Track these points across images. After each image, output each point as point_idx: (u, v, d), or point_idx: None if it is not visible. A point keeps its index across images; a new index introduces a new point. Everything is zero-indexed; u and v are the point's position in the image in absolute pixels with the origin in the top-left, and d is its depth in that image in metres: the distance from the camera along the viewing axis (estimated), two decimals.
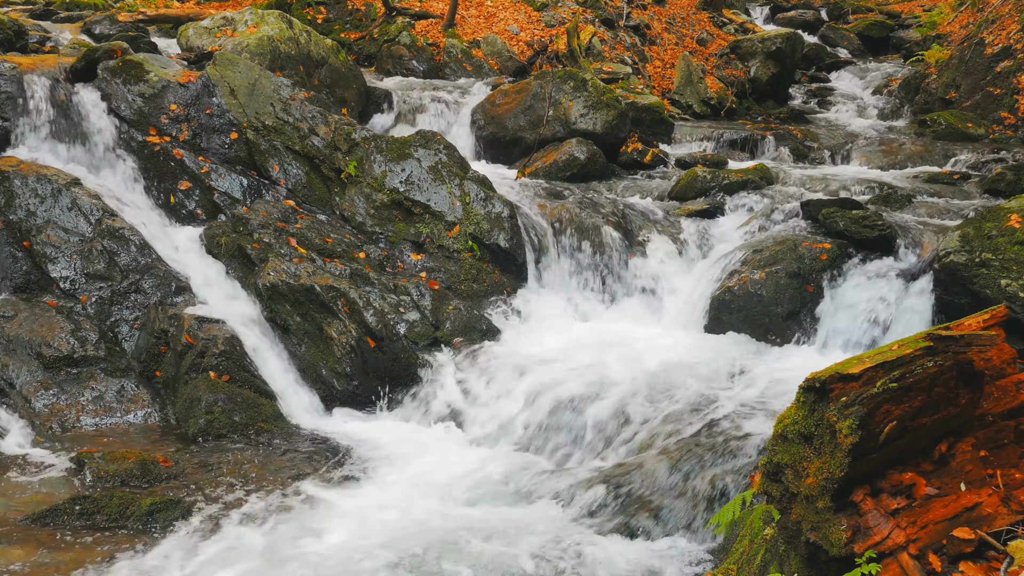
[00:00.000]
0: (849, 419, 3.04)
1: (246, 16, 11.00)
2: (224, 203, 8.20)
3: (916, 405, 3.12)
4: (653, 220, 8.94)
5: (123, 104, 8.29)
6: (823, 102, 15.73)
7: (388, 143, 8.75)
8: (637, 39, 15.84)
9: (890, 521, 3.13)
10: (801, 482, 3.21)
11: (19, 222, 7.31)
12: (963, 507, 3.22)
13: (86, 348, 6.89)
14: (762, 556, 3.84)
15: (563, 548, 5.23)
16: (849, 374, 3.10)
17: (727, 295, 7.82)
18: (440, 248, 8.30)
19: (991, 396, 3.36)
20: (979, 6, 15.06)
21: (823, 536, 3.17)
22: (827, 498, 3.14)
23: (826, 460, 3.11)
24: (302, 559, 5.03)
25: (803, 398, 3.21)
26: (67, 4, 13.70)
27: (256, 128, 8.55)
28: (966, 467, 3.29)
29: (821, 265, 7.71)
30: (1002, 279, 6.64)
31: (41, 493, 5.60)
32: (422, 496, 5.80)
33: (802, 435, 3.21)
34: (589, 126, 10.72)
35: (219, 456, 6.24)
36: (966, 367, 3.21)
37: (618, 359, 7.16)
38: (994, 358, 3.36)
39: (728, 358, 7.20)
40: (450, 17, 14.39)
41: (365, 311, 7.25)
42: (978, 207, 8.45)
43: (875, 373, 3.09)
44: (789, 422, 3.27)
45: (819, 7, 21.18)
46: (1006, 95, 12.57)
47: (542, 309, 8.18)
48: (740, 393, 6.58)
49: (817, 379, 3.14)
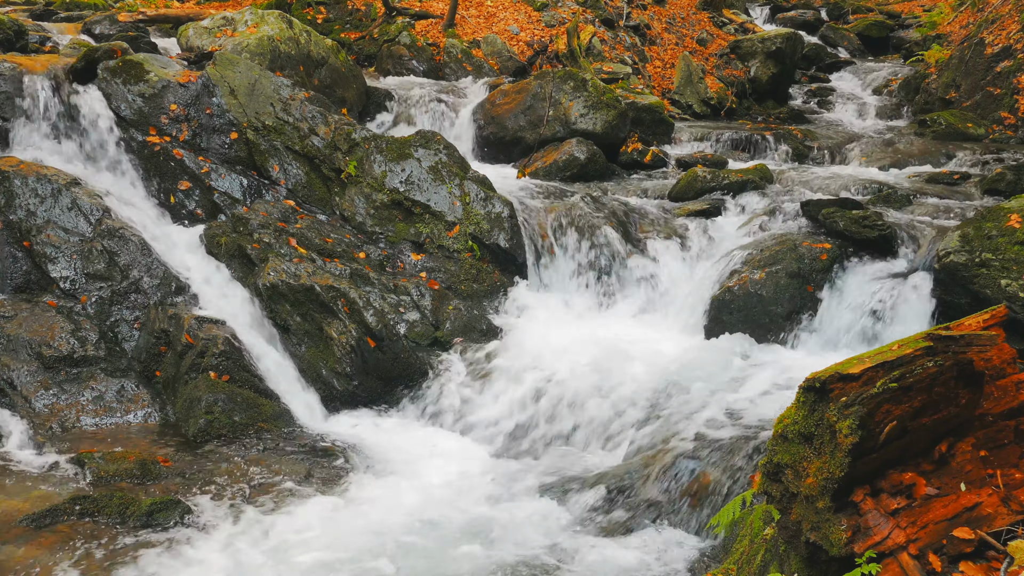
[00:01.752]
0: (849, 419, 3.04)
1: (246, 16, 11.00)
2: (224, 203, 8.20)
3: (916, 405, 3.12)
4: (653, 220, 8.94)
5: (123, 104, 8.29)
6: (823, 102, 15.73)
7: (388, 143, 8.75)
8: (637, 39, 15.84)
9: (890, 521, 3.13)
10: (801, 482, 3.21)
11: (19, 222, 7.31)
12: (963, 507, 3.21)
13: (86, 348, 6.89)
14: (762, 556, 3.84)
15: (562, 548, 5.23)
16: (849, 374, 3.10)
17: (727, 295, 7.82)
18: (440, 248, 8.30)
19: (991, 396, 3.36)
20: (979, 6, 15.06)
21: (823, 536, 3.17)
22: (827, 498, 3.14)
23: (826, 460, 3.11)
24: (301, 559, 5.03)
25: (803, 398, 3.21)
26: (67, 4, 13.70)
27: (256, 128, 8.55)
28: (966, 467, 3.29)
29: (821, 265, 7.71)
30: (1002, 279, 6.64)
31: (41, 493, 5.60)
32: (421, 496, 5.80)
33: (802, 435, 3.21)
34: (589, 126, 10.73)
35: (219, 456, 6.24)
36: (966, 367, 3.21)
37: (618, 359, 7.15)
38: (994, 358, 3.36)
39: (728, 358, 7.20)
40: (450, 17, 14.39)
41: (365, 311, 7.25)
42: (978, 207, 8.45)
43: (875, 373, 3.09)
44: (789, 422, 3.27)
45: (819, 7, 21.18)
46: (1006, 95, 12.56)
47: (542, 309, 8.18)
48: (740, 393, 6.57)
49: (817, 379, 3.14)
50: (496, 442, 6.69)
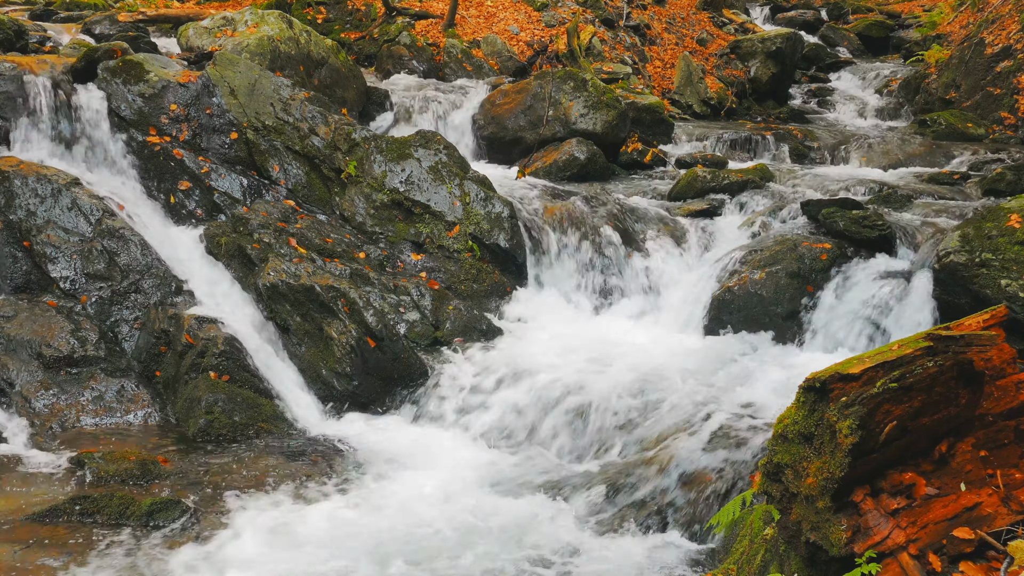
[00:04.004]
0: (849, 419, 3.04)
1: (246, 16, 11.00)
2: (224, 203, 8.20)
3: (916, 405, 3.12)
4: (653, 220, 8.95)
5: (123, 104, 8.29)
6: (823, 102, 15.72)
7: (388, 143, 8.75)
8: (637, 39, 15.84)
9: (890, 521, 3.13)
10: (801, 482, 3.21)
11: (19, 222, 7.30)
12: (963, 507, 3.21)
13: (86, 348, 6.89)
14: (762, 556, 3.84)
15: (562, 547, 5.23)
16: (849, 374, 3.10)
17: (727, 295, 7.82)
18: (440, 248, 8.30)
19: (991, 396, 3.36)
20: (979, 6, 15.06)
21: (823, 536, 3.17)
22: (827, 498, 3.14)
23: (826, 460, 3.11)
24: (302, 558, 5.03)
25: (803, 398, 3.21)
26: (67, 4, 13.71)
27: (256, 128, 8.55)
28: (966, 467, 3.29)
29: (821, 265, 7.71)
30: (1002, 279, 6.64)
31: (41, 493, 5.60)
32: (421, 496, 5.80)
33: (802, 435, 3.21)
34: (589, 126, 10.73)
35: (219, 456, 6.24)
36: (966, 367, 3.21)
37: (619, 359, 7.15)
38: (994, 358, 3.36)
39: (727, 358, 7.20)
40: (450, 17, 14.39)
41: (365, 311, 7.25)
42: (978, 207, 8.45)
43: (875, 373, 3.09)
44: (789, 422, 3.27)
45: (819, 7, 21.16)
46: (1006, 95, 12.57)
47: (542, 309, 8.18)
48: (740, 393, 6.57)
49: (817, 379, 3.14)
50: (496, 442, 6.68)
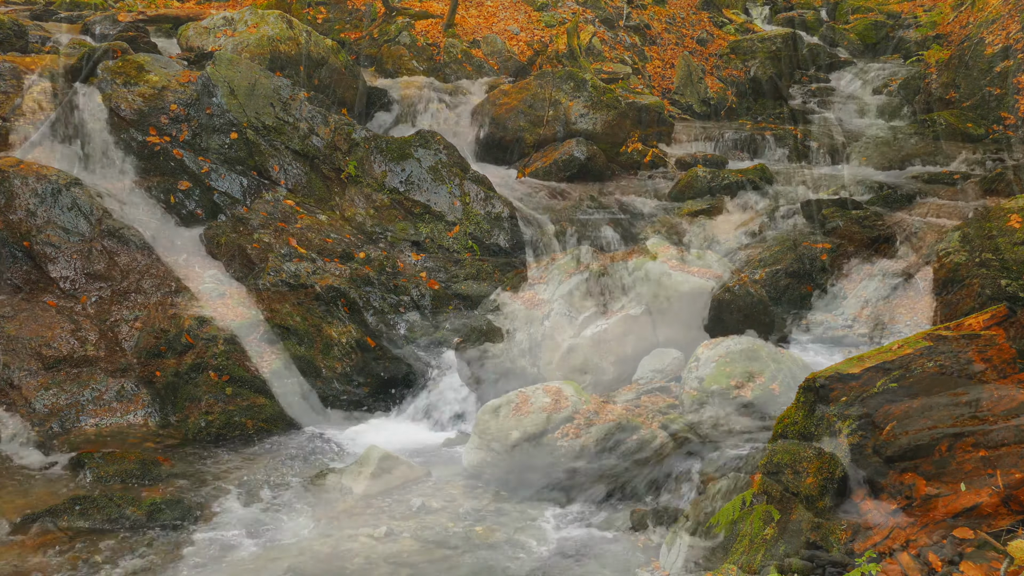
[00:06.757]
0: (849, 419, 3.04)
1: (246, 16, 11.00)
2: (224, 203, 8.20)
3: (916, 405, 3.12)
4: (653, 220, 8.94)
5: (123, 104, 8.28)
6: (823, 102, 15.71)
7: (388, 143, 8.75)
8: (637, 39, 15.84)
9: (890, 521, 3.13)
10: (801, 482, 3.21)
11: (19, 222, 7.30)
12: (963, 507, 3.22)
13: (86, 348, 6.89)
14: (762, 556, 3.84)
15: (563, 546, 5.23)
16: (849, 374, 3.10)
17: (727, 295, 7.81)
18: (440, 248, 8.30)
19: (991, 396, 3.36)
20: (979, 6, 15.06)
21: (823, 536, 3.17)
22: (827, 498, 3.14)
23: (826, 460, 3.11)
24: (302, 558, 5.03)
25: (803, 398, 3.22)
26: (67, 4, 13.70)
27: (256, 128, 8.55)
28: (966, 467, 3.29)
29: (821, 265, 7.71)
30: (1002, 279, 6.64)
31: (41, 493, 5.59)
32: (422, 495, 5.80)
33: (802, 435, 3.21)
34: (589, 126, 10.73)
35: (218, 456, 6.24)
36: (966, 367, 3.21)
37: (618, 359, 7.15)
38: (994, 358, 3.36)
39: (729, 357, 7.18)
40: (450, 17, 14.38)
41: (365, 311, 7.25)
42: (978, 207, 8.45)
43: (875, 374, 3.10)
44: (789, 422, 3.27)
45: (819, 7, 21.15)
46: (1006, 95, 12.57)
47: (543, 309, 8.16)
48: (739, 392, 6.56)
49: (817, 379, 3.15)
50: (496, 442, 6.67)
